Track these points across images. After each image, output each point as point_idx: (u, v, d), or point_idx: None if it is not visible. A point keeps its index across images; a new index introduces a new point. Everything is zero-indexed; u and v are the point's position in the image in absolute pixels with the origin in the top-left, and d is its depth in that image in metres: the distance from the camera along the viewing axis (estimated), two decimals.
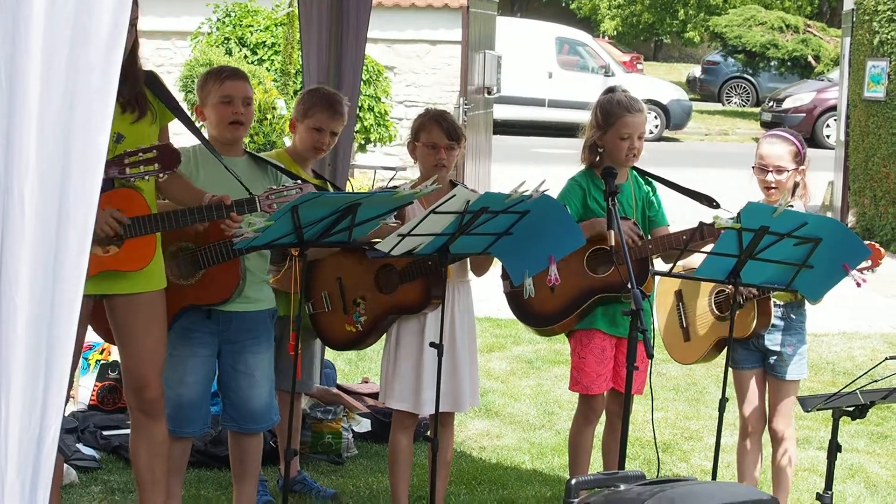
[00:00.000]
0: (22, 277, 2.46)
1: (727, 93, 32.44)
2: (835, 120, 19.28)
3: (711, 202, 4.94)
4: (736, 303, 4.59)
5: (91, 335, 4.68)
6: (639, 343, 4.21)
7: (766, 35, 30.11)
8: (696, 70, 34.36)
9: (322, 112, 5.18)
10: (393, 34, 17.83)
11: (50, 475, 2.56)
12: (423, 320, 4.91)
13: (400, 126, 16.46)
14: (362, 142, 14.73)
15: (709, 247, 4.54)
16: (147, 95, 4.36)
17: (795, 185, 5.02)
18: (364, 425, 6.41)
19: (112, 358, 6.61)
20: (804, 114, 24.23)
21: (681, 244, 4.79)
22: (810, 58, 30.26)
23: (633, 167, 5.10)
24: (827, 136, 23.21)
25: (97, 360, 6.62)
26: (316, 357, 5.66)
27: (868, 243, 4.59)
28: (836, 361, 8.55)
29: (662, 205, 5.16)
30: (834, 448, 4.24)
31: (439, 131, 4.91)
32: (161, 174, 4.11)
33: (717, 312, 5.05)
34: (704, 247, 4.68)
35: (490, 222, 4.24)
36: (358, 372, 7.60)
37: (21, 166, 2.44)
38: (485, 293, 6.25)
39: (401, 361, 4.94)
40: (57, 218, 2.49)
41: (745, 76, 32.23)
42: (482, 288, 5.54)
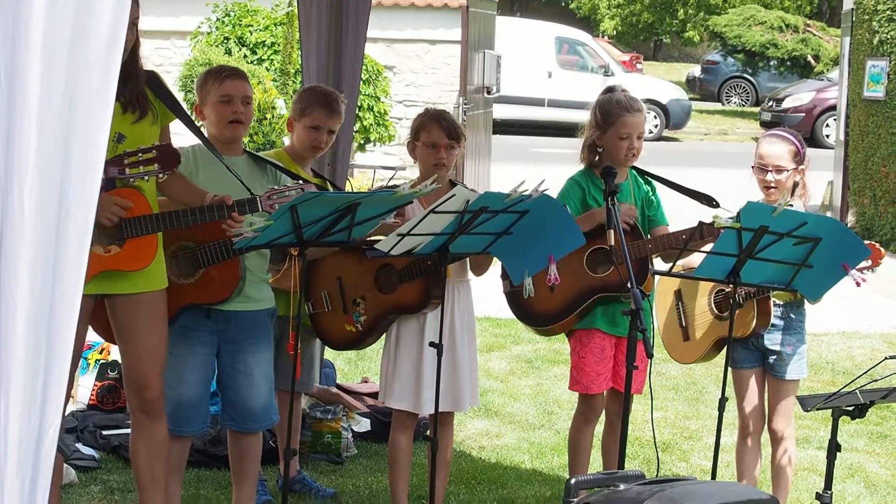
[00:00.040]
0: (21, 276, 2.46)
1: (727, 92, 32.44)
2: (834, 119, 19.27)
3: (711, 202, 4.94)
4: (735, 302, 4.59)
5: (91, 334, 4.68)
6: (638, 343, 4.21)
7: (766, 35, 30.11)
8: (696, 70, 34.36)
9: (319, 110, 5.17)
10: (392, 34, 17.84)
11: (49, 475, 2.56)
12: (423, 320, 4.91)
13: (399, 126, 16.46)
14: (362, 141, 14.73)
15: (708, 246, 4.54)
16: (148, 95, 4.36)
17: (795, 185, 5.02)
18: (364, 425, 6.41)
19: (111, 357, 6.61)
20: (804, 113, 24.23)
21: (680, 244, 4.78)
22: (810, 57, 30.26)
23: (633, 167, 5.10)
24: (826, 136, 23.21)
25: (97, 360, 6.62)
26: (316, 357, 5.66)
27: (868, 243, 4.58)
28: (836, 361, 8.55)
29: (662, 204, 5.16)
30: (833, 447, 4.24)
31: (439, 130, 4.91)
32: (161, 174, 4.11)
33: (717, 312, 5.05)
34: (704, 246, 4.68)
35: (489, 222, 4.24)
36: (358, 371, 7.60)
37: (21, 166, 2.44)
38: (484, 293, 6.25)
39: (401, 361, 4.94)
40: (57, 217, 2.49)
41: (745, 76, 32.23)
42: (482, 288, 5.54)
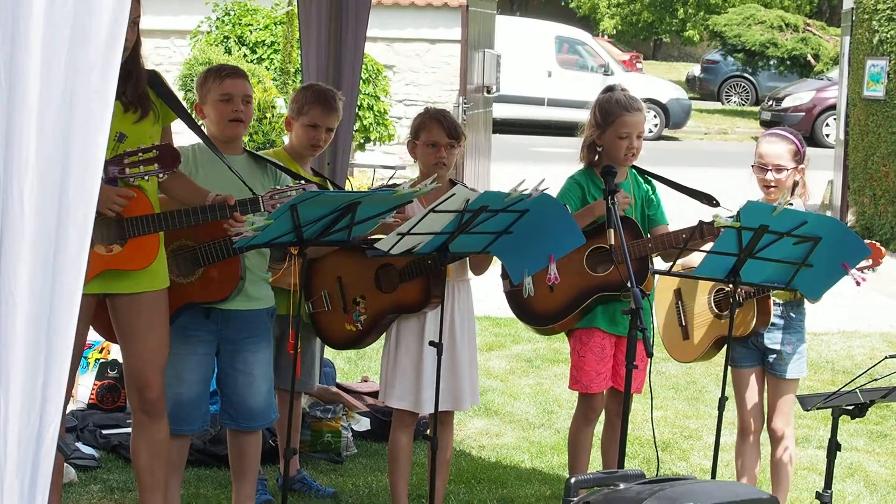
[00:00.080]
0: (21, 275, 2.46)
1: (726, 92, 32.44)
2: (834, 119, 19.28)
3: (711, 201, 4.94)
4: (735, 301, 4.59)
5: (91, 333, 4.67)
6: (638, 342, 4.22)
7: (766, 34, 30.10)
8: (696, 69, 34.36)
9: (316, 108, 5.18)
10: (392, 33, 17.84)
11: (49, 474, 2.55)
12: (423, 319, 4.91)
13: (399, 125, 16.46)
14: (362, 140, 14.74)
15: (708, 245, 4.55)
16: (150, 95, 4.36)
17: (795, 184, 5.01)
18: (363, 424, 6.41)
19: (111, 356, 6.61)
20: (804, 113, 24.23)
21: (680, 243, 4.78)
22: (810, 57, 30.26)
23: (633, 166, 5.10)
24: (826, 135, 23.21)
25: (96, 359, 6.62)
26: (316, 356, 5.66)
27: (868, 242, 4.58)
28: (836, 360, 8.55)
29: (662, 204, 5.16)
30: (833, 447, 4.24)
31: (440, 130, 4.91)
32: (161, 174, 4.11)
33: (717, 311, 5.05)
34: (704, 245, 4.68)
35: (489, 221, 4.23)
36: (357, 371, 7.60)
37: (21, 165, 2.44)
38: (484, 292, 6.25)
39: (401, 360, 4.94)
40: (56, 217, 2.49)
41: (745, 75, 32.23)
42: (482, 287, 5.54)
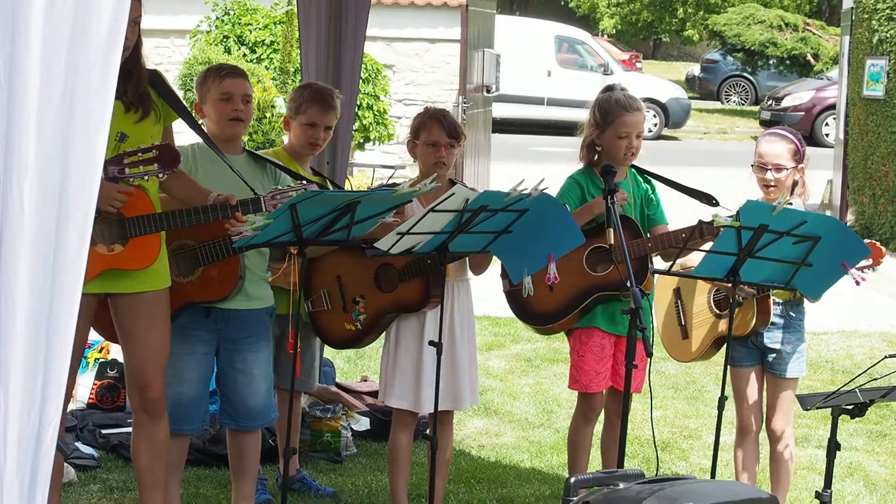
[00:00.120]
0: (21, 275, 2.46)
1: (726, 91, 32.45)
2: (834, 118, 19.29)
3: (710, 200, 4.94)
4: (735, 301, 4.59)
5: (91, 333, 4.67)
6: (638, 341, 4.21)
7: (765, 33, 30.11)
8: (695, 68, 34.36)
9: (314, 107, 5.18)
10: (392, 32, 17.85)
11: (49, 473, 2.55)
12: (423, 319, 4.91)
13: (399, 124, 16.47)
14: (361, 140, 14.74)
15: (708, 245, 4.54)
16: (151, 94, 4.35)
17: (794, 184, 5.01)
18: (363, 424, 6.41)
19: (111, 356, 6.61)
20: (803, 112, 24.23)
21: (680, 242, 4.78)
22: (809, 56, 30.26)
23: (632, 166, 5.10)
24: (826, 135, 23.21)
25: (96, 359, 6.62)
26: (316, 356, 5.66)
27: (869, 242, 4.58)
28: (835, 360, 8.55)
29: (661, 203, 5.16)
30: (833, 446, 4.24)
31: (440, 129, 4.91)
32: (160, 174, 4.11)
33: (716, 310, 5.05)
34: (703, 245, 4.68)
35: (489, 221, 4.23)
36: (357, 370, 7.60)
37: (20, 165, 2.44)
38: (484, 292, 6.25)
39: (400, 360, 4.94)
40: (56, 216, 2.49)
41: (744, 75, 32.24)
42: (481, 287, 5.54)
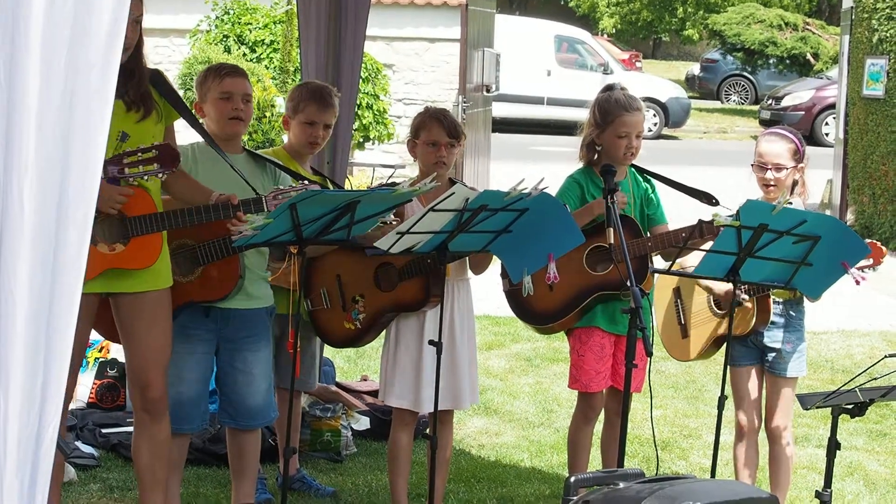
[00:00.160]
0: (21, 275, 2.46)
1: (726, 91, 32.45)
2: (834, 118, 19.28)
3: (710, 199, 4.94)
4: (735, 300, 4.59)
5: (91, 333, 4.67)
6: (638, 341, 4.21)
7: (765, 33, 30.11)
8: (695, 68, 34.36)
9: (312, 106, 5.18)
10: (392, 32, 17.85)
11: (49, 473, 2.55)
12: (423, 318, 4.91)
13: (398, 124, 16.47)
14: (361, 139, 14.74)
15: (708, 244, 4.54)
16: (152, 94, 4.35)
17: (794, 183, 5.01)
18: (363, 423, 6.41)
19: (111, 355, 6.61)
20: (803, 111, 24.23)
21: (680, 242, 4.78)
22: (809, 55, 30.27)
23: (632, 165, 5.10)
24: (826, 134, 23.21)
25: (96, 358, 6.62)
26: (316, 355, 5.66)
27: (869, 242, 4.58)
28: (835, 359, 8.55)
29: (661, 203, 5.16)
30: (833, 446, 4.24)
31: (440, 129, 4.91)
32: (160, 174, 4.11)
33: (716, 309, 5.05)
34: (703, 244, 4.68)
35: (489, 220, 4.23)
36: (357, 370, 7.60)
37: (20, 165, 2.44)
38: (484, 291, 6.25)
39: (400, 359, 4.94)
40: (56, 216, 2.49)
41: (744, 74, 32.24)
42: (481, 286, 5.54)
